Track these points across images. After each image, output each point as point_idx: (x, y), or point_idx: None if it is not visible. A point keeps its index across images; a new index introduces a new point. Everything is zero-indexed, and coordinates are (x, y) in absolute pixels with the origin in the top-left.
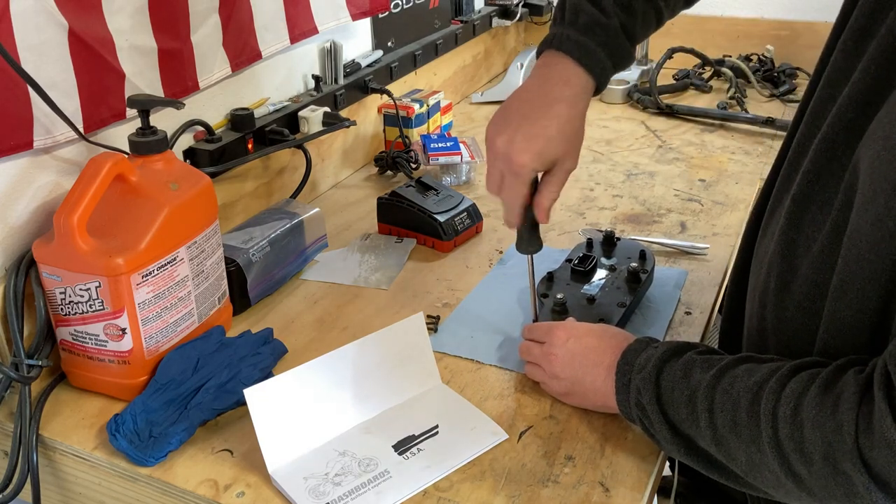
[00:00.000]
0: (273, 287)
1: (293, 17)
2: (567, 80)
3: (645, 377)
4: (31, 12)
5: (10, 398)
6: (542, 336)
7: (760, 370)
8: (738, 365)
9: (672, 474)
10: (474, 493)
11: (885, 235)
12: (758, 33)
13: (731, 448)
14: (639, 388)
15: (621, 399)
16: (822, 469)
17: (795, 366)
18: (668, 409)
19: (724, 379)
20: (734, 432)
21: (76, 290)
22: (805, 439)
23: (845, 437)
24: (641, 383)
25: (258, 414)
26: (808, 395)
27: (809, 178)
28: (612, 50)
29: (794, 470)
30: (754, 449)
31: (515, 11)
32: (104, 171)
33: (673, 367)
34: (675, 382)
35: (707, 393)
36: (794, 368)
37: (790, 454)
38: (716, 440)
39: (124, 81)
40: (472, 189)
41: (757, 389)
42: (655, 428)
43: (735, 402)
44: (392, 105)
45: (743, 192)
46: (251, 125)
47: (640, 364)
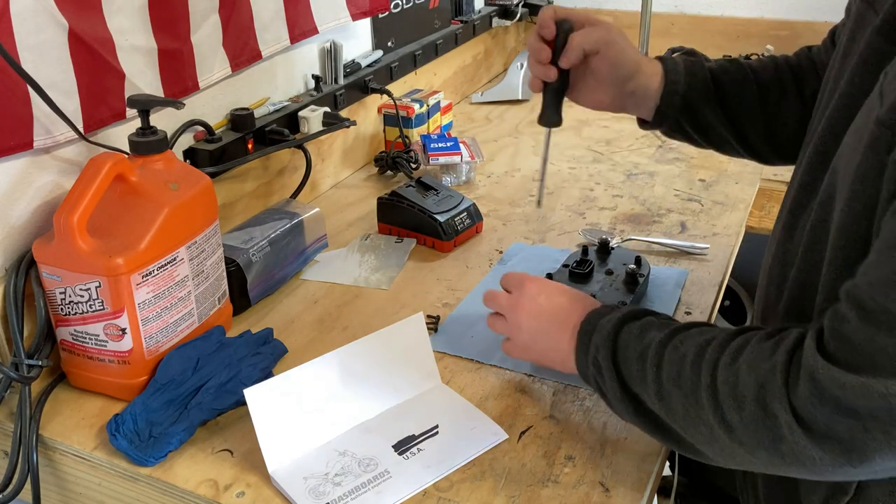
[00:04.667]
0: (273, 287)
1: (293, 17)
2: None
3: (604, 335)
4: (31, 12)
5: (10, 398)
6: (513, 285)
7: (713, 331)
8: (693, 327)
9: (672, 474)
10: (474, 493)
11: (854, 218)
12: (758, 33)
13: (671, 401)
14: (597, 345)
15: (580, 358)
16: (752, 412)
17: (746, 327)
18: (622, 366)
19: (676, 337)
20: (677, 384)
21: (76, 290)
22: (740, 382)
23: (777, 377)
24: (600, 341)
25: (258, 414)
26: (749, 345)
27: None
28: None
29: (726, 418)
30: (692, 401)
31: (515, 11)
32: (104, 171)
33: (631, 327)
34: (631, 340)
35: (657, 349)
36: (745, 329)
37: (724, 400)
38: (659, 394)
39: (124, 81)
40: (472, 189)
41: (705, 344)
42: (607, 385)
43: (682, 357)
44: (392, 105)
45: (743, 192)
46: (251, 125)
47: (602, 324)
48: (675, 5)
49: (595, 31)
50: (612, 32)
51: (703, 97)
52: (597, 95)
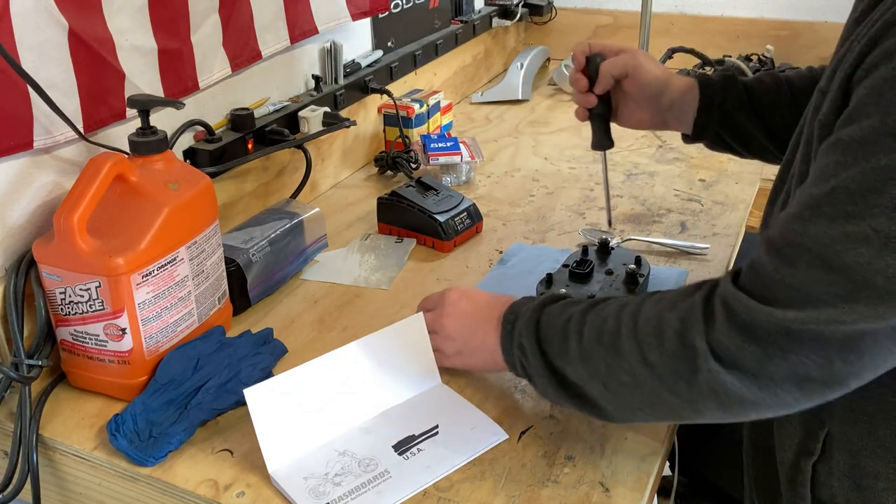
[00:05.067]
0: (273, 287)
1: (293, 17)
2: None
3: (526, 319)
4: (31, 12)
5: (10, 398)
6: (435, 303)
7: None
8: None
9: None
10: (474, 493)
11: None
12: (758, 33)
13: (593, 360)
14: (520, 330)
15: (506, 346)
16: (672, 347)
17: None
18: (545, 344)
19: (598, 305)
20: (598, 342)
21: (76, 290)
22: (662, 320)
23: (696, 310)
24: (524, 326)
25: (258, 414)
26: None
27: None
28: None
29: (647, 358)
30: (612, 353)
31: (515, 11)
32: (104, 171)
33: (553, 307)
34: (553, 318)
35: (579, 318)
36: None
37: (645, 339)
38: (581, 357)
39: (124, 81)
40: (472, 189)
41: (625, 302)
42: (532, 366)
43: (603, 318)
44: (392, 105)
45: (743, 192)
46: (251, 125)
47: (524, 311)
48: (675, 5)
49: (621, 58)
50: (637, 57)
51: (739, 107)
52: (636, 115)
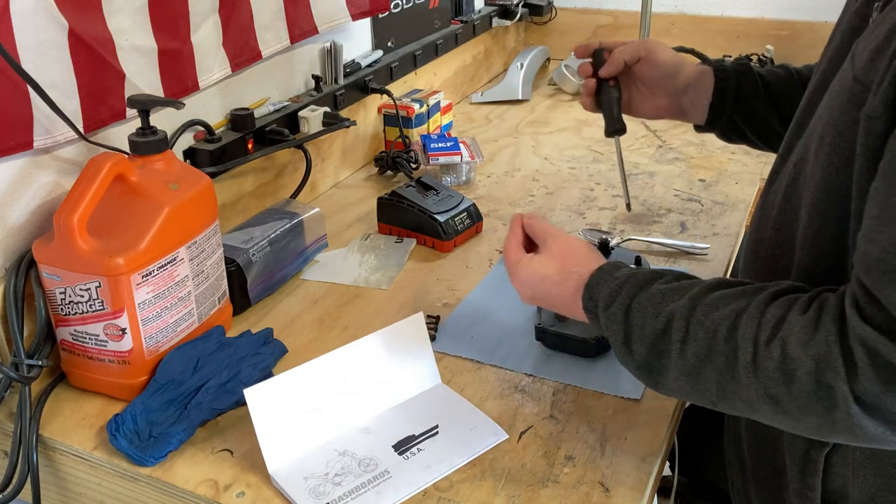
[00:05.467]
0: (273, 287)
1: (293, 17)
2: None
3: (611, 316)
4: (31, 12)
5: (10, 398)
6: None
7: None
8: (710, 292)
9: (672, 474)
10: (474, 493)
11: (833, 172)
12: (758, 33)
13: (701, 378)
14: (605, 325)
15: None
16: (804, 386)
17: (773, 292)
18: (635, 346)
19: (699, 308)
20: (708, 360)
21: (76, 290)
22: (788, 357)
23: (832, 349)
24: (607, 322)
25: (258, 414)
26: (789, 317)
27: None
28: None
29: (771, 392)
30: (727, 377)
31: (515, 11)
32: (104, 171)
33: (642, 303)
34: (646, 319)
35: (680, 324)
36: (773, 295)
37: (769, 376)
38: (685, 371)
39: (124, 81)
40: (472, 189)
41: (735, 317)
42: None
43: (711, 332)
44: (392, 105)
45: (743, 192)
46: (251, 125)
47: (604, 302)
48: (675, 5)
49: (632, 43)
50: (648, 42)
51: (754, 93)
52: (652, 101)
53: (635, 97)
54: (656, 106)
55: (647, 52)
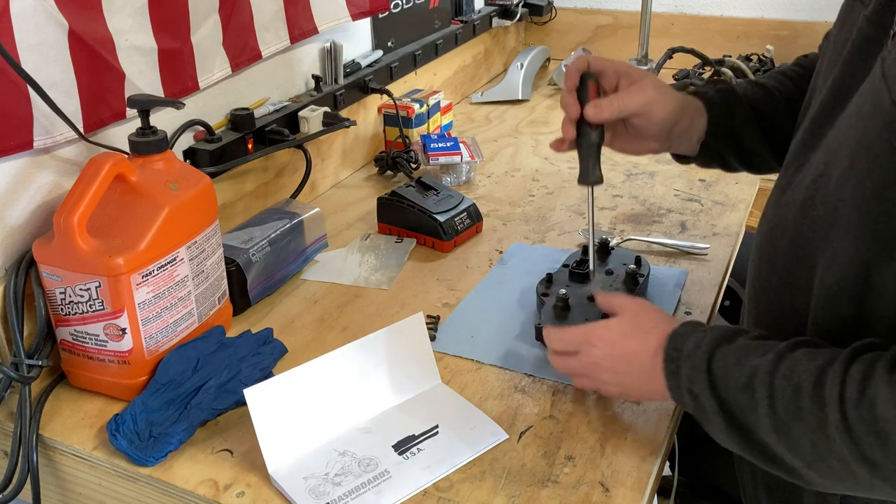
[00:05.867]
0: (273, 287)
1: (293, 17)
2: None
3: (695, 364)
4: (31, 12)
5: (10, 398)
6: (574, 345)
7: (821, 354)
8: (796, 349)
9: (672, 474)
10: (474, 493)
11: (866, 196)
12: (758, 33)
13: (793, 436)
14: (689, 377)
15: (673, 387)
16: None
17: (855, 349)
18: (724, 396)
19: (783, 363)
20: (797, 418)
21: (76, 290)
22: (878, 419)
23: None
24: (691, 372)
25: (258, 414)
26: (875, 375)
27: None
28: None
29: (866, 455)
30: (820, 436)
31: (515, 11)
32: (104, 171)
33: (725, 353)
34: (729, 369)
35: (765, 378)
36: (855, 351)
37: (862, 437)
38: (776, 428)
39: (124, 81)
40: (472, 189)
41: (819, 373)
42: (710, 417)
43: (796, 387)
44: (392, 105)
45: (743, 192)
46: (251, 125)
47: (689, 351)
48: (675, 5)
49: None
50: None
51: (746, 124)
52: (638, 145)
53: (621, 137)
54: (642, 150)
55: (647, 107)
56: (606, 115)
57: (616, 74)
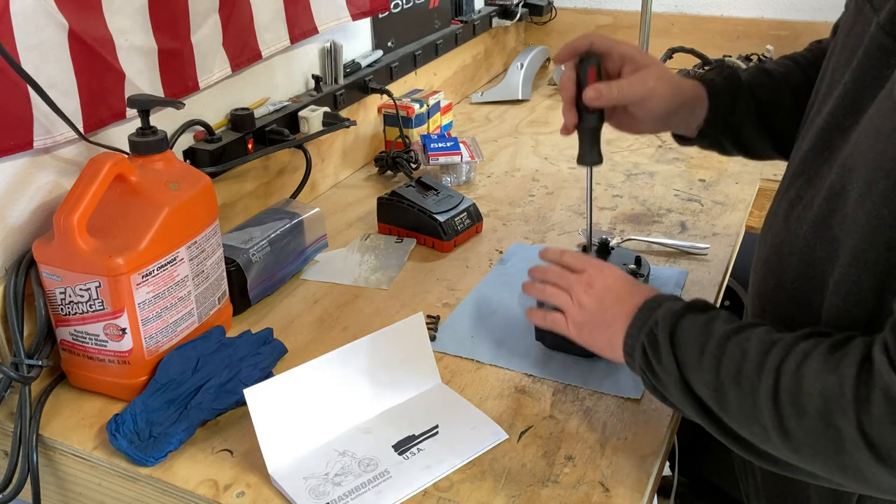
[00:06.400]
0: (273, 287)
1: (293, 17)
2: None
3: (668, 313)
4: (31, 12)
5: (10, 398)
6: (579, 265)
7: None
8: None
9: (672, 474)
10: (474, 493)
11: (881, 224)
12: (758, 33)
13: (726, 397)
14: (657, 320)
15: (632, 331)
16: (814, 424)
17: (811, 332)
18: (679, 347)
19: (742, 333)
20: (735, 381)
21: (76, 290)
22: (803, 391)
23: (844, 391)
24: (662, 317)
25: (258, 414)
26: (814, 353)
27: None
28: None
29: (784, 425)
30: (749, 401)
31: (515, 11)
32: (104, 171)
33: (698, 316)
34: (694, 326)
35: (721, 341)
36: (809, 333)
37: (785, 406)
38: (714, 386)
39: (124, 81)
40: (472, 189)
41: (769, 345)
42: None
43: (744, 354)
44: (392, 105)
45: (743, 192)
46: (251, 125)
47: (669, 305)
48: (675, 5)
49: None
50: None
51: (746, 116)
52: (637, 126)
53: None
54: (636, 129)
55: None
56: (604, 103)
57: (621, 58)
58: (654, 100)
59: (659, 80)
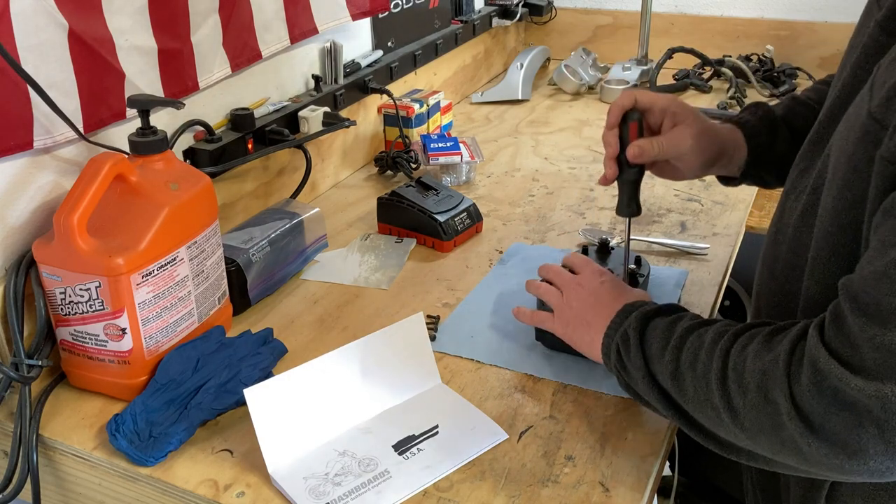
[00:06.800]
0: (273, 287)
1: (293, 17)
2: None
3: (640, 315)
4: (31, 12)
5: (10, 398)
6: (580, 266)
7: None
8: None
9: (672, 474)
10: (474, 493)
11: (845, 206)
12: (758, 33)
13: (684, 383)
14: (631, 322)
15: (610, 332)
16: (755, 399)
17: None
18: (646, 343)
19: (703, 327)
20: (691, 367)
21: (76, 290)
22: (746, 370)
23: (779, 365)
24: (634, 320)
25: (258, 414)
26: (759, 335)
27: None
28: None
29: (732, 403)
30: (702, 384)
31: (515, 11)
32: (104, 171)
33: (665, 317)
34: (661, 324)
35: (682, 334)
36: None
37: (731, 385)
38: (673, 375)
39: (124, 81)
40: (472, 189)
41: (722, 333)
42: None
43: (701, 343)
44: (392, 105)
45: (743, 191)
46: (251, 125)
47: (643, 309)
48: (675, 5)
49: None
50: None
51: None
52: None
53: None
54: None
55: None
56: (646, 160)
57: (662, 113)
58: (692, 155)
59: (696, 138)
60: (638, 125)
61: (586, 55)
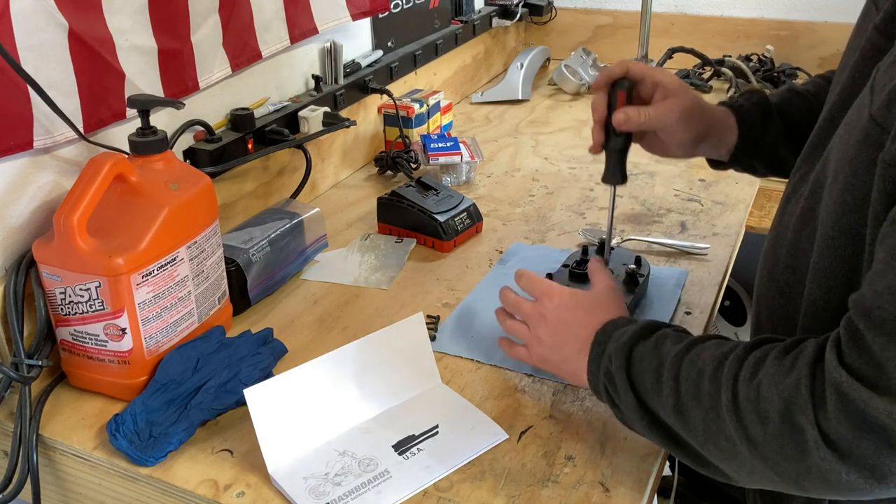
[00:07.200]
0: (273, 287)
1: (293, 17)
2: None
3: (618, 347)
4: (31, 12)
5: (10, 398)
6: (537, 292)
7: (728, 344)
8: (707, 340)
9: (672, 474)
10: (474, 493)
11: (846, 210)
12: (758, 33)
13: (690, 416)
14: (611, 356)
15: (592, 368)
16: (777, 427)
17: (761, 339)
18: (636, 378)
19: (693, 350)
20: (695, 399)
21: (76, 290)
22: (762, 398)
23: (801, 391)
24: (614, 352)
25: (258, 414)
26: (768, 359)
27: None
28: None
29: (749, 434)
30: (713, 416)
31: (515, 11)
32: (104, 171)
33: (647, 340)
34: (646, 353)
35: (674, 362)
36: (759, 341)
37: (746, 415)
38: (676, 409)
39: (124, 81)
40: (472, 189)
41: (722, 358)
42: (621, 398)
43: (700, 371)
44: (392, 105)
45: (743, 191)
46: (251, 125)
47: (617, 336)
48: (675, 5)
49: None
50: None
51: (778, 138)
52: (667, 152)
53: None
54: (664, 153)
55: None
56: (631, 127)
57: (654, 85)
58: (681, 127)
59: (685, 111)
60: (627, 94)
61: (586, 55)
